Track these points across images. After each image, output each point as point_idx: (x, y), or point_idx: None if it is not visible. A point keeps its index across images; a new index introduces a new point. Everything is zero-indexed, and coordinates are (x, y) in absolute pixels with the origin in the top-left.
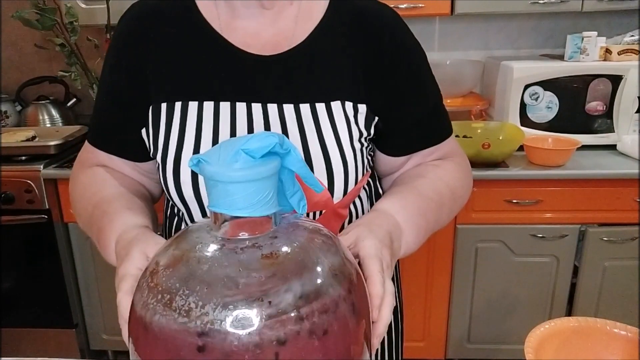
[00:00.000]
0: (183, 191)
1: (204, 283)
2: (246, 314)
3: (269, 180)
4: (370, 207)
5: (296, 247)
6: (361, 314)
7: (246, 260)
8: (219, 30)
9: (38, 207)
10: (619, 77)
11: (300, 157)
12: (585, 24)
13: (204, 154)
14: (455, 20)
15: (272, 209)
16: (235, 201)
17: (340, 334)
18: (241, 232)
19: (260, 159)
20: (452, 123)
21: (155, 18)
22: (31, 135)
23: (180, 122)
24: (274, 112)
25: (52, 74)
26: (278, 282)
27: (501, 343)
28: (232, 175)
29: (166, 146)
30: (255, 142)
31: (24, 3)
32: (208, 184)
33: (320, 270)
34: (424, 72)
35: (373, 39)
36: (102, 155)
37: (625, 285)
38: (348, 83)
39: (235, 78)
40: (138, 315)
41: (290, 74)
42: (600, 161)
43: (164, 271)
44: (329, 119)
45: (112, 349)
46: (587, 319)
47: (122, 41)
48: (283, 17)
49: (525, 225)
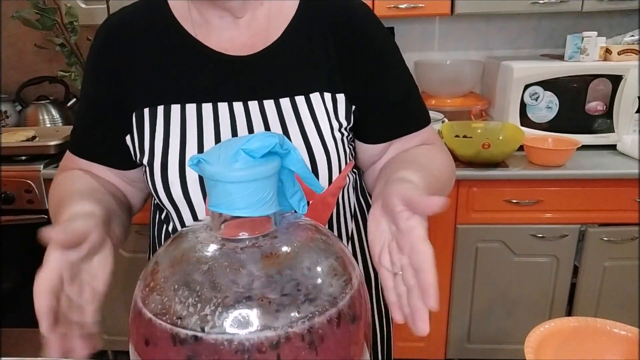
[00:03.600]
0: (172, 193)
1: (203, 283)
2: (246, 314)
3: (269, 180)
4: (355, 198)
5: (296, 247)
6: (361, 314)
7: (246, 261)
8: (195, 35)
9: (38, 207)
10: (619, 77)
11: (300, 157)
12: (585, 24)
13: (204, 154)
14: (455, 20)
15: (272, 209)
16: (235, 201)
17: (341, 335)
18: (241, 232)
19: (260, 159)
20: (452, 123)
21: (130, 27)
22: (31, 135)
23: (164, 125)
24: (255, 109)
25: (52, 74)
26: (278, 282)
27: (501, 343)
28: (232, 175)
29: (152, 150)
30: (255, 142)
31: (24, 3)
32: (208, 184)
33: (321, 271)
34: (394, 60)
35: (343, 31)
36: (83, 163)
37: (625, 285)
38: (325, 74)
39: (215, 79)
40: (138, 315)
41: (268, 71)
42: (600, 161)
43: (163, 271)
44: (309, 110)
45: (112, 349)
46: (587, 319)
47: (99, 54)
48: (256, 19)
49: (525, 225)
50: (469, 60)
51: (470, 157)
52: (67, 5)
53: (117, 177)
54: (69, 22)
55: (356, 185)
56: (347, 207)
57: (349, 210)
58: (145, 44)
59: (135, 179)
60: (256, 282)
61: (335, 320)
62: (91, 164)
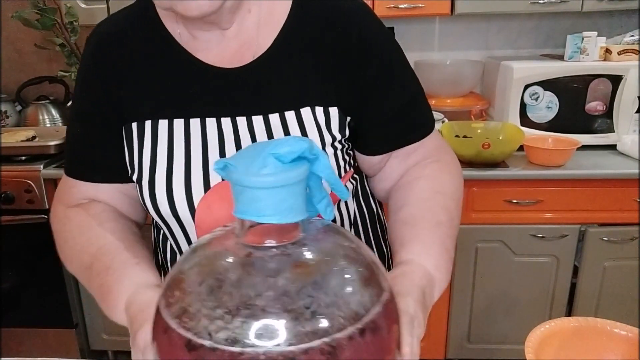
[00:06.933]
0: (160, 210)
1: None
2: (277, 325)
3: (298, 185)
4: (356, 204)
5: (326, 254)
6: (393, 320)
7: (276, 270)
8: (184, 46)
9: (38, 207)
10: (619, 77)
11: (328, 162)
12: (585, 24)
13: (230, 158)
14: (455, 20)
15: (301, 216)
16: (264, 207)
17: (373, 343)
18: (267, 240)
19: (289, 164)
20: (452, 123)
21: (120, 38)
22: (31, 135)
23: (151, 141)
24: (243, 125)
25: (52, 74)
26: (310, 292)
27: (501, 343)
28: (261, 180)
29: (140, 166)
30: (285, 146)
31: (24, 3)
32: (235, 190)
33: (353, 279)
34: (397, 65)
35: (340, 37)
36: (88, 187)
37: (625, 285)
38: (317, 86)
39: (203, 94)
40: (163, 324)
41: (257, 84)
42: (600, 161)
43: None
44: (299, 126)
45: (112, 349)
46: (587, 319)
47: (89, 67)
48: (244, 28)
49: (525, 225)
50: (469, 60)
51: (470, 157)
52: (67, 5)
53: (123, 195)
54: (69, 22)
55: (357, 193)
56: (346, 215)
57: (348, 218)
58: (134, 55)
59: (134, 195)
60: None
61: (369, 329)
62: (97, 186)
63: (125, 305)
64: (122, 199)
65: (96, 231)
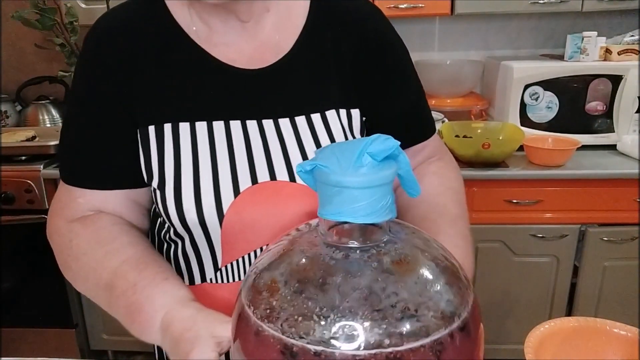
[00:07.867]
0: (186, 217)
1: (338, 297)
2: (384, 326)
3: (390, 184)
4: None
5: (420, 253)
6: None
7: (379, 270)
8: (199, 43)
9: (38, 207)
10: (619, 77)
11: (407, 159)
12: (585, 24)
13: (317, 160)
14: (455, 20)
15: (391, 214)
16: (361, 208)
17: (469, 341)
18: (350, 241)
19: (381, 163)
20: (452, 123)
21: (128, 33)
22: (31, 135)
23: (173, 146)
24: (270, 128)
25: (52, 74)
26: (414, 291)
27: (501, 343)
28: (360, 180)
29: (162, 173)
30: (377, 145)
31: (24, 3)
32: (324, 190)
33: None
34: (406, 67)
35: (356, 37)
36: (96, 196)
37: (625, 285)
38: (339, 88)
39: (226, 95)
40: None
41: (282, 86)
42: (600, 161)
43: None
44: (325, 129)
45: (112, 349)
46: (587, 319)
47: (93, 63)
48: (262, 28)
49: (525, 225)
50: (469, 60)
51: (470, 157)
52: (67, 5)
53: (132, 204)
54: (69, 22)
55: None
56: None
57: None
58: (144, 53)
59: (149, 201)
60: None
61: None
62: (106, 194)
63: (162, 324)
64: (131, 207)
65: (114, 245)
